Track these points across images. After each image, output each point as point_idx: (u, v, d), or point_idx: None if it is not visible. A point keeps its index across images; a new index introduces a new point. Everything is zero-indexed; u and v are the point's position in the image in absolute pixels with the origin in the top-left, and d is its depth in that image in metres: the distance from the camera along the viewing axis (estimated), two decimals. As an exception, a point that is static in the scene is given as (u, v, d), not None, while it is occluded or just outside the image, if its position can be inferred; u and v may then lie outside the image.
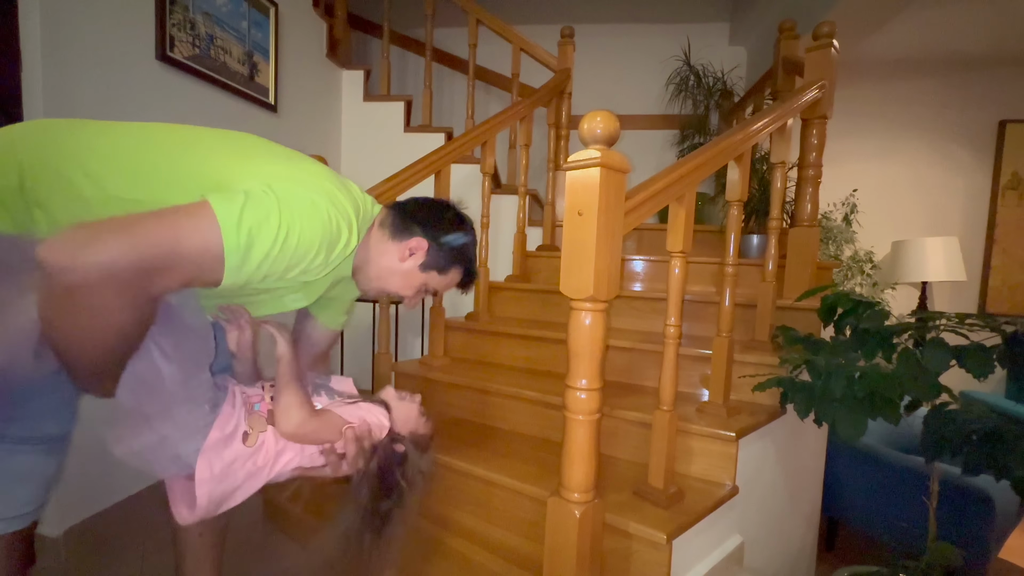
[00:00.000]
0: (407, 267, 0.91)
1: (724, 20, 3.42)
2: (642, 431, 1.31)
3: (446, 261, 0.93)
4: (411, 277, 0.93)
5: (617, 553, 1.08)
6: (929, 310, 2.30)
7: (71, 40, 1.43)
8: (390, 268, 0.91)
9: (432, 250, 0.91)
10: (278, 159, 0.80)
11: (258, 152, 0.80)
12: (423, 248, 0.90)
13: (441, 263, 0.93)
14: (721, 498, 1.16)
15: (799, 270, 1.64)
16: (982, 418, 1.07)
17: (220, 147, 0.78)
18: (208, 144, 0.79)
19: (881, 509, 1.73)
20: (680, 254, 1.10)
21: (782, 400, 1.25)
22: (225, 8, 1.94)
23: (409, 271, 0.92)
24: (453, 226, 0.94)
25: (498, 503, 1.30)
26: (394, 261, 0.91)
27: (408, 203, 0.96)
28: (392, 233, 0.90)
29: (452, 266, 0.94)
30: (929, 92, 3.07)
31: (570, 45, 2.42)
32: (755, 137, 1.31)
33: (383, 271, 0.91)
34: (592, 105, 1.44)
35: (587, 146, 0.88)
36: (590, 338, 0.92)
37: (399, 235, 0.90)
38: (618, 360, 1.61)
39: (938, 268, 2.69)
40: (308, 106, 2.49)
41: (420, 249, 0.90)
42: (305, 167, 0.80)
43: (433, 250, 0.91)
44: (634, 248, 2.46)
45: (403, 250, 0.90)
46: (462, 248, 0.95)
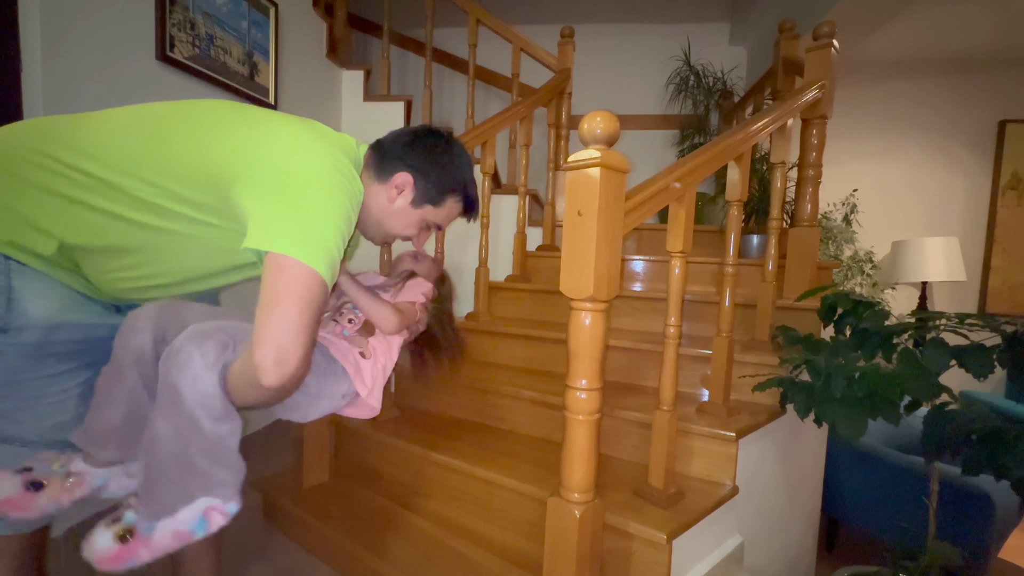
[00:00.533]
0: (399, 206, 0.87)
1: (724, 20, 3.42)
2: (642, 431, 1.31)
3: (438, 191, 0.88)
4: (406, 215, 0.88)
5: (617, 553, 1.08)
6: (929, 310, 2.30)
7: (71, 40, 1.43)
8: (383, 210, 0.87)
9: (419, 183, 0.86)
10: (268, 124, 0.76)
11: (243, 121, 0.76)
12: (409, 183, 0.86)
13: (433, 194, 0.88)
14: (721, 498, 1.16)
15: (799, 270, 1.64)
16: (982, 418, 1.07)
17: (204, 122, 0.74)
18: (191, 122, 0.74)
19: (881, 509, 1.73)
20: (680, 254, 1.10)
21: (782, 400, 1.25)
22: (225, 8, 1.94)
23: (402, 210, 0.87)
24: (437, 151, 0.88)
25: (498, 503, 1.30)
26: (384, 202, 0.87)
27: (386, 138, 0.90)
28: (377, 174, 0.86)
29: (446, 195, 0.89)
30: (929, 92, 3.07)
31: (570, 45, 2.42)
32: (755, 137, 1.31)
33: (378, 215, 0.88)
34: (592, 105, 1.44)
35: (587, 146, 0.88)
36: (590, 338, 0.92)
37: (383, 174, 0.86)
38: (618, 360, 1.61)
39: (938, 268, 2.69)
40: (308, 106, 2.49)
41: (407, 185, 0.86)
42: (294, 129, 0.75)
43: (420, 182, 0.86)
44: (634, 248, 2.46)
45: (389, 189, 0.86)
46: (452, 173, 0.89)
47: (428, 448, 1.42)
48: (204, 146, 0.71)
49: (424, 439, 1.48)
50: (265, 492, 1.56)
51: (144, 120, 0.73)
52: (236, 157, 0.70)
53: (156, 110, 0.75)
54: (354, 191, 0.74)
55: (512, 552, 1.21)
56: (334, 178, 0.71)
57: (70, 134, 0.72)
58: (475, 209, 0.95)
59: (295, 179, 0.68)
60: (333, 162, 0.72)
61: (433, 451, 1.40)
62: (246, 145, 0.70)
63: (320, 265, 0.67)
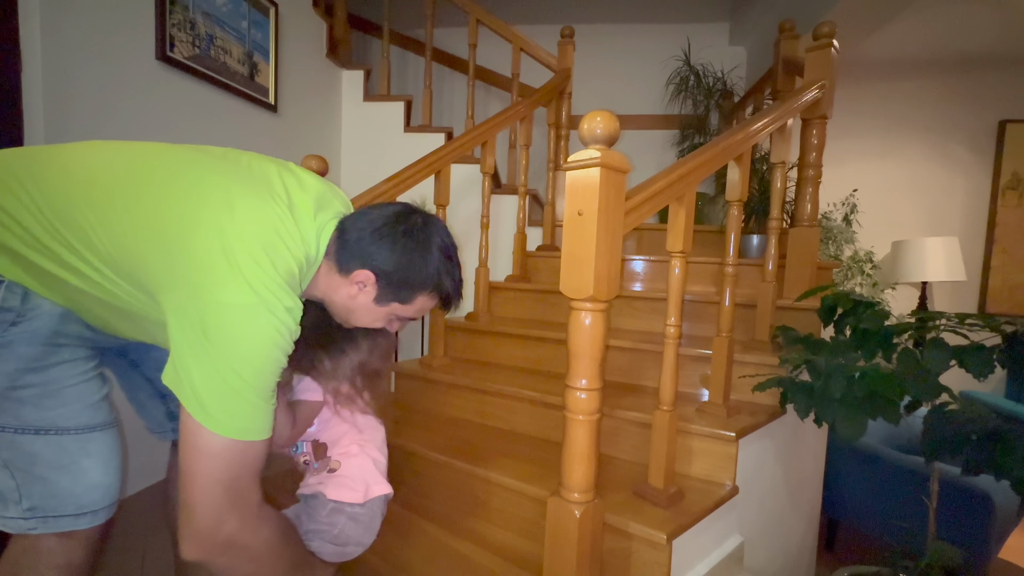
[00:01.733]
0: (361, 303, 0.80)
1: (724, 20, 3.42)
2: (642, 431, 1.31)
3: (404, 290, 0.80)
4: (371, 311, 0.82)
5: (617, 553, 1.08)
6: (929, 310, 2.30)
7: (71, 40, 1.43)
8: (346, 306, 0.81)
9: (382, 282, 0.78)
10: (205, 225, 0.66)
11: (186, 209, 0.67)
12: (371, 280, 0.78)
13: (399, 294, 0.80)
14: (721, 498, 1.16)
15: (799, 270, 1.64)
16: (982, 418, 1.07)
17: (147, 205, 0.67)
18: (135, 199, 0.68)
19: (881, 509, 1.73)
20: (680, 254, 1.10)
21: (782, 400, 1.25)
22: (225, 8, 1.94)
23: (365, 306, 0.80)
24: (404, 247, 0.78)
25: (498, 503, 1.30)
26: (345, 298, 0.80)
27: (348, 224, 0.79)
28: (338, 266, 0.78)
29: (415, 293, 0.81)
30: (929, 92, 3.07)
31: (570, 45, 2.42)
32: (755, 137, 1.31)
33: (341, 308, 0.82)
34: (592, 105, 1.45)
35: (587, 146, 0.88)
36: (590, 338, 0.92)
37: (344, 268, 0.78)
38: (618, 360, 1.61)
39: (938, 268, 2.69)
40: (308, 106, 2.49)
41: (368, 282, 0.78)
42: (234, 239, 0.65)
43: (383, 281, 0.78)
44: (634, 248, 2.46)
45: (350, 286, 0.78)
46: (421, 270, 0.80)
47: (427, 448, 1.42)
48: (124, 243, 0.66)
49: (423, 439, 1.48)
50: (265, 492, 1.56)
51: (101, 184, 0.69)
52: (163, 269, 0.65)
53: (114, 171, 0.70)
54: (280, 327, 0.66)
55: (512, 552, 1.21)
56: (258, 320, 0.64)
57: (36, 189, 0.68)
58: (452, 304, 0.88)
59: (214, 325, 0.62)
60: (257, 299, 0.64)
61: (432, 451, 1.40)
62: (175, 259, 0.64)
63: (240, 433, 0.65)
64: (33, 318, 0.71)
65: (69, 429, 0.75)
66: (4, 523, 0.75)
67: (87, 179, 0.69)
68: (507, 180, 2.73)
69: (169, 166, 0.71)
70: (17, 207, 0.67)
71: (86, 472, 0.77)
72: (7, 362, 0.70)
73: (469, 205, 2.43)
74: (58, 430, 0.75)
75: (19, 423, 0.73)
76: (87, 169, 0.70)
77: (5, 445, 0.73)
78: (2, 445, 0.73)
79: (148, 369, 0.97)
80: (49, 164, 0.70)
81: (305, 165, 1.41)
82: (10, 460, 0.74)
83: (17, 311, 0.69)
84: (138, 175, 0.69)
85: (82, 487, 0.76)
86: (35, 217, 0.67)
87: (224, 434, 0.64)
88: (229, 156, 0.77)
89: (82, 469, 0.76)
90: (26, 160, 0.71)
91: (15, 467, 0.74)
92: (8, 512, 0.75)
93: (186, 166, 0.71)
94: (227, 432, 0.64)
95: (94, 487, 0.77)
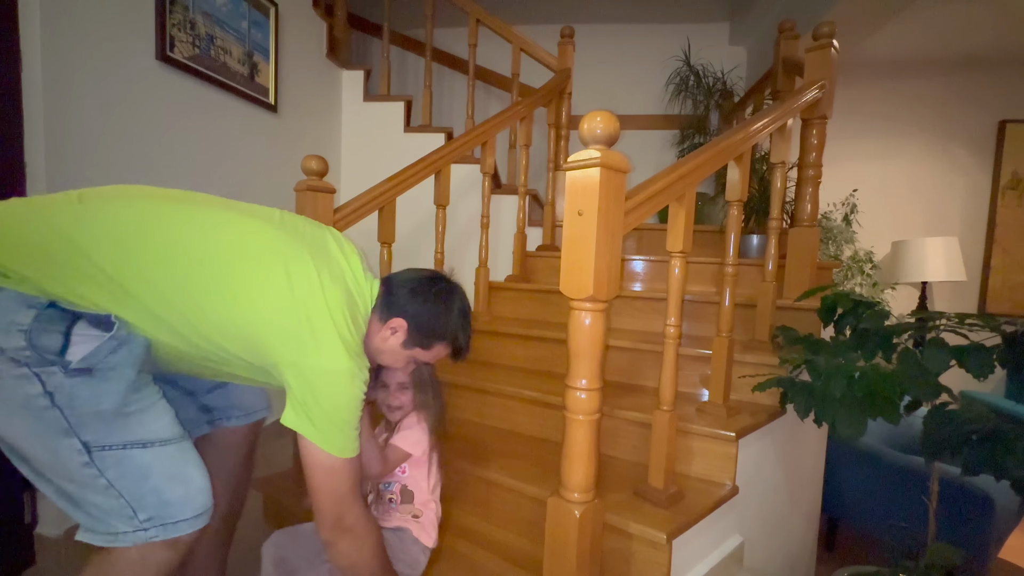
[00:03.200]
0: (391, 345, 0.98)
1: (724, 20, 3.42)
2: (642, 431, 1.31)
3: (428, 338, 0.99)
4: (396, 353, 1.00)
5: (617, 553, 1.08)
6: (929, 310, 2.30)
7: (71, 40, 1.43)
8: (377, 348, 0.98)
9: (412, 329, 0.97)
10: (312, 311, 0.82)
11: (287, 291, 0.82)
12: (403, 327, 0.96)
13: (423, 340, 0.99)
14: (721, 498, 1.16)
15: (799, 270, 1.64)
16: (982, 418, 1.06)
17: (244, 283, 0.80)
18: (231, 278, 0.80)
19: (881, 509, 1.73)
20: (680, 254, 1.10)
21: (782, 400, 1.25)
22: (225, 8, 1.94)
23: (393, 348, 0.98)
24: (433, 303, 0.98)
25: (498, 503, 1.30)
26: (378, 340, 0.97)
27: (394, 280, 1.00)
28: (379, 315, 0.96)
29: (435, 342, 1.00)
30: (929, 92, 3.07)
31: (570, 45, 2.42)
32: (755, 137, 1.31)
33: (372, 349, 0.98)
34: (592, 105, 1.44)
35: (587, 146, 0.88)
36: (590, 338, 0.92)
37: (384, 315, 0.96)
38: (618, 360, 1.61)
39: (938, 268, 2.69)
40: (308, 106, 2.49)
41: (400, 328, 0.96)
42: (331, 327, 0.83)
43: (413, 329, 0.97)
44: (634, 248, 2.46)
45: (385, 330, 0.96)
46: (444, 324, 0.99)
47: (428, 448, 1.42)
48: (257, 322, 0.80)
49: (424, 439, 1.48)
50: (265, 492, 1.56)
51: (182, 259, 0.79)
52: (284, 347, 0.81)
53: (190, 244, 0.80)
54: (365, 376, 0.86)
55: (512, 552, 1.21)
56: (356, 379, 0.84)
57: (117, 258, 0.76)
58: (461, 357, 1.05)
59: (329, 384, 0.82)
60: (355, 365, 0.84)
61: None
62: (296, 340, 0.81)
63: (345, 452, 0.85)
64: (133, 346, 0.78)
65: (169, 440, 0.82)
66: (118, 539, 0.78)
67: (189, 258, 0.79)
68: (507, 180, 2.73)
69: (256, 242, 0.84)
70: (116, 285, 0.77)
71: (192, 478, 0.84)
72: (118, 383, 0.77)
73: (469, 205, 2.43)
74: (162, 441, 0.81)
75: (130, 438, 0.79)
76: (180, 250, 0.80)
77: (112, 463, 0.77)
78: (109, 464, 0.77)
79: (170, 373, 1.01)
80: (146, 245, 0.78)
81: (305, 165, 1.41)
82: (117, 478, 0.78)
83: (121, 339, 0.77)
84: (231, 255, 0.81)
85: (193, 491, 0.83)
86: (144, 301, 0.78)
87: (337, 454, 0.84)
88: (286, 223, 0.91)
89: (189, 475, 0.83)
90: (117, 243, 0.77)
91: (123, 484, 0.78)
92: (121, 528, 0.78)
93: (272, 243, 0.85)
94: (339, 452, 0.84)
95: (201, 490, 0.84)
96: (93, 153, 1.51)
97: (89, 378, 0.74)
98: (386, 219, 1.60)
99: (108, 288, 0.75)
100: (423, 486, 1.17)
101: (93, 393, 0.75)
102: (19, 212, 0.76)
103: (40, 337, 0.71)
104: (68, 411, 0.74)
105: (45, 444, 0.75)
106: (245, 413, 1.10)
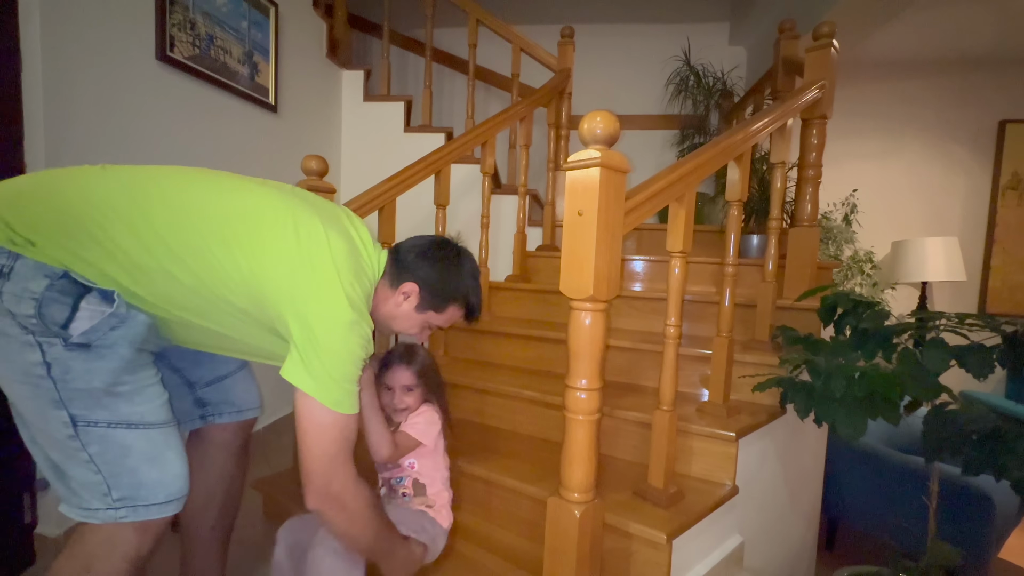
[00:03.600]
0: (404, 310, 0.99)
1: (724, 20, 3.42)
2: (642, 431, 1.31)
3: (441, 300, 0.99)
4: (410, 318, 1.00)
5: (617, 553, 1.08)
6: (929, 310, 2.30)
7: (71, 40, 1.43)
8: (390, 313, 0.99)
9: (424, 292, 0.97)
10: (318, 265, 0.83)
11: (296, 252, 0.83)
12: (415, 291, 0.97)
13: (436, 303, 0.99)
14: (721, 498, 1.16)
15: (799, 270, 1.64)
16: (982, 418, 1.06)
17: (265, 242, 0.82)
18: (253, 237, 0.82)
19: (881, 509, 1.73)
20: (680, 254, 1.10)
21: (782, 400, 1.25)
22: (225, 8, 1.94)
23: (406, 313, 0.99)
24: (443, 265, 0.99)
25: (498, 503, 1.30)
26: (391, 306, 0.98)
27: (402, 247, 1.01)
28: (390, 280, 0.97)
29: (448, 304, 1.00)
30: (929, 92, 3.07)
31: (570, 45, 2.42)
32: (755, 137, 1.31)
33: (385, 316, 0.99)
34: (592, 105, 1.44)
35: (587, 146, 0.88)
36: (590, 338, 0.92)
37: (395, 281, 0.97)
38: (618, 360, 1.61)
39: (938, 268, 2.69)
40: (308, 106, 2.49)
41: (412, 293, 0.97)
42: (335, 275, 0.84)
43: (425, 292, 0.97)
44: (634, 248, 2.46)
45: (397, 295, 0.97)
46: (456, 285, 1.00)
47: (428, 448, 1.42)
48: (262, 272, 0.81)
49: (424, 439, 1.48)
50: (265, 492, 1.56)
51: (196, 216, 0.81)
52: (289, 295, 0.81)
53: (218, 206, 0.83)
54: (367, 332, 0.86)
55: (512, 552, 1.21)
56: (356, 330, 0.84)
57: (142, 219, 0.78)
58: (476, 315, 1.06)
59: (329, 331, 0.82)
60: (356, 315, 0.84)
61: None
62: (300, 288, 0.82)
63: (340, 407, 0.83)
64: (132, 325, 0.80)
65: (155, 424, 0.83)
66: (89, 515, 0.79)
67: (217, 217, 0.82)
68: (507, 180, 2.73)
69: (269, 203, 0.86)
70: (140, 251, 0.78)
71: (170, 462, 0.84)
72: (111, 361, 0.78)
73: (469, 205, 2.43)
74: (147, 424, 0.82)
75: (115, 418, 0.79)
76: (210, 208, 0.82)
77: (96, 439, 0.78)
78: (92, 439, 0.78)
79: (175, 359, 1.01)
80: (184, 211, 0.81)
81: (305, 165, 1.41)
82: (98, 454, 0.78)
83: (121, 317, 0.78)
84: (245, 213, 0.83)
85: (169, 476, 0.84)
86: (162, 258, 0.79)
87: (333, 407, 0.82)
88: (298, 192, 0.94)
89: (167, 459, 0.84)
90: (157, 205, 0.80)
91: (103, 460, 0.79)
92: (94, 504, 0.79)
93: (282, 204, 0.87)
94: (335, 405, 0.82)
95: (177, 476, 0.85)
96: (93, 153, 1.51)
97: (85, 353, 0.76)
98: (386, 219, 1.60)
99: (118, 258, 0.76)
100: (435, 477, 1.19)
101: (86, 369, 0.76)
102: (47, 181, 0.78)
103: (49, 307, 0.72)
104: (60, 383, 0.75)
105: (38, 411, 0.77)
106: (237, 410, 1.10)
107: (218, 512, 1.10)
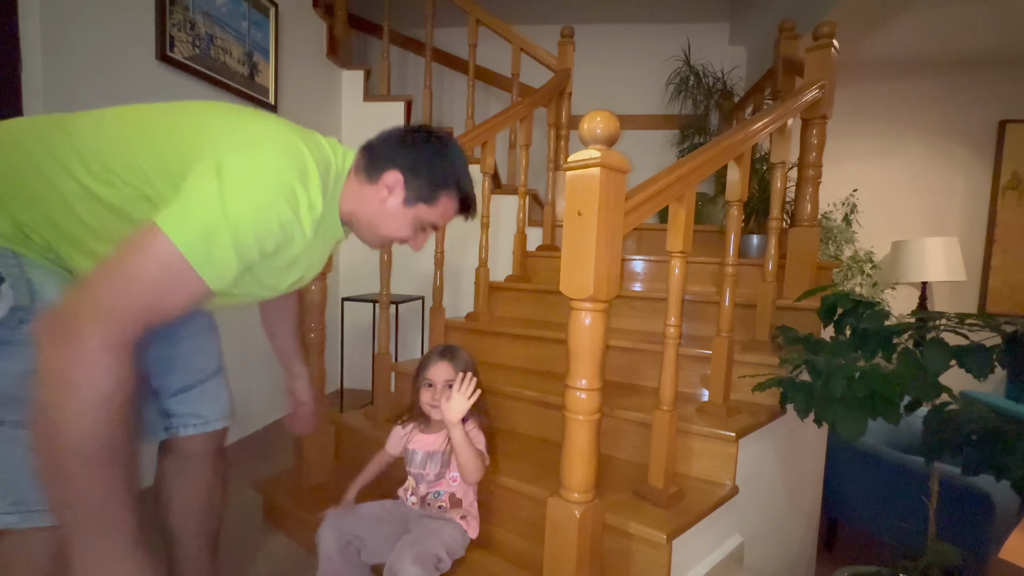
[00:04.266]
0: (391, 207, 0.84)
1: (724, 20, 3.42)
2: (642, 431, 1.31)
3: (430, 188, 0.85)
4: (399, 216, 0.86)
5: (617, 553, 1.08)
6: (929, 310, 2.30)
7: (71, 40, 1.43)
8: (375, 212, 0.85)
9: (410, 181, 0.84)
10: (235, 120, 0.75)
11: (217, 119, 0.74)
12: (400, 182, 0.83)
13: (425, 192, 0.85)
14: (721, 498, 1.16)
15: (799, 270, 1.64)
16: (982, 418, 1.07)
17: (182, 124, 0.74)
18: (171, 124, 0.74)
19: (881, 509, 1.73)
20: (680, 254, 1.10)
21: (782, 400, 1.25)
22: (225, 8, 1.94)
23: (394, 210, 0.85)
24: (428, 148, 0.85)
25: (498, 503, 1.30)
26: (375, 204, 0.84)
27: (376, 138, 0.87)
28: (367, 175, 0.84)
29: (439, 192, 0.86)
30: (929, 92, 3.07)
31: (570, 45, 2.42)
32: (755, 137, 1.31)
33: (370, 218, 0.86)
34: (592, 105, 1.45)
35: (587, 146, 0.88)
36: (590, 338, 0.92)
37: (372, 175, 0.83)
38: (618, 360, 1.61)
39: (938, 268, 2.69)
40: (308, 106, 2.49)
41: (397, 184, 0.83)
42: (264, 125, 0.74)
43: (411, 180, 0.84)
44: (634, 248, 2.46)
45: (380, 190, 0.84)
46: (444, 168, 0.86)
47: (428, 448, 1.42)
48: (205, 133, 0.72)
49: (424, 439, 1.48)
50: (265, 492, 1.56)
51: (143, 126, 0.74)
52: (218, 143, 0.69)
53: (153, 115, 0.76)
54: (284, 218, 0.70)
55: (512, 552, 1.21)
56: (281, 195, 0.69)
57: (76, 140, 0.73)
58: (472, 206, 0.91)
59: (247, 180, 0.66)
60: (282, 181, 0.69)
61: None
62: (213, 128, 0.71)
63: (197, 262, 0.62)
64: None
65: None
66: None
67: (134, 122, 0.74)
68: (507, 180, 2.73)
69: (196, 105, 0.78)
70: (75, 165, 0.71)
71: None
72: (19, 361, 0.69)
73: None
74: None
75: (21, 418, 0.71)
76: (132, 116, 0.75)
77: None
78: None
79: (144, 364, 0.95)
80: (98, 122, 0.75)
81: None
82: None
83: (27, 309, 0.70)
84: (201, 110, 0.76)
85: None
86: (91, 168, 0.71)
87: (177, 241, 0.61)
88: None
89: None
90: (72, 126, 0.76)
91: (3, 463, 0.73)
92: None
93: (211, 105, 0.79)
94: (181, 242, 0.61)
95: None
96: (93, 153, 1.51)
97: None
98: (386, 219, 1.60)
99: None
100: (468, 489, 1.21)
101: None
102: None
103: None
104: None
105: None
106: (204, 422, 1.02)
107: (200, 520, 1.05)
